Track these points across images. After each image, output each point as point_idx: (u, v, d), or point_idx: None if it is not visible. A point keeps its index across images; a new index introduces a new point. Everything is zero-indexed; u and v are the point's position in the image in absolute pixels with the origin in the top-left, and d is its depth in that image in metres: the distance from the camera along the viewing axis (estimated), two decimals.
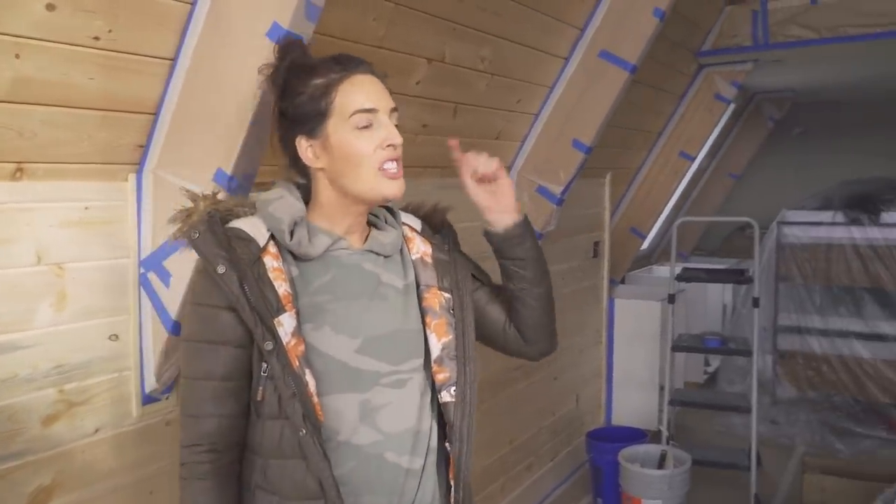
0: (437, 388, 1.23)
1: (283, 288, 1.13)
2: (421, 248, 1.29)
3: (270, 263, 1.14)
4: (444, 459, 1.26)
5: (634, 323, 4.11)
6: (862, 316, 4.32)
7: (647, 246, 5.03)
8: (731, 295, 5.31)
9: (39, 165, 1.36)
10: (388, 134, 1.16)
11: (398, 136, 1.17)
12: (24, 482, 1.38)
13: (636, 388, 4.16)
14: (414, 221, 1.33)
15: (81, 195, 1.46)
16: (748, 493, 3.38)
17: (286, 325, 1.12)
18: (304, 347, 1.13)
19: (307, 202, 1.23)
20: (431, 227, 1.34)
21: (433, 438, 1.23)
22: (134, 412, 1.59)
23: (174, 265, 1.49)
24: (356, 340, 1.16)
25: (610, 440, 3.46)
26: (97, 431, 1.52)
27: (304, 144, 1.18)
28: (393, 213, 1.31)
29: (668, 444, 3.44)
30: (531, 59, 2.62)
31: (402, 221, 1.30)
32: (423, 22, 2.02)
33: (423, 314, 1.24)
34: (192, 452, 1.16)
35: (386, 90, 1.21)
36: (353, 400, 1.15)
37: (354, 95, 1.16)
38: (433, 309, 1.24)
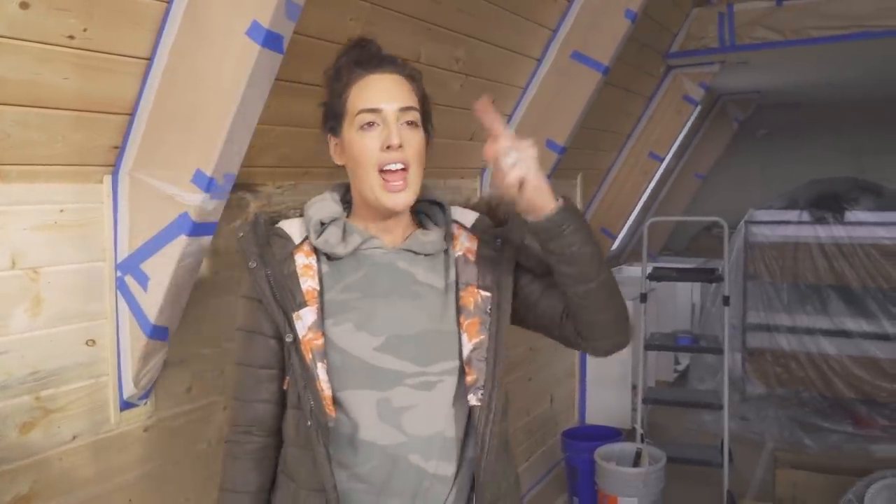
0: (466, 390, 1.18)
1: (308, 283, 1.16)
2: (465, 244, 1.24)
3: (301, 260, 1.18)
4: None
5: None
6: (828, 313, 4.42)
7: (616, 246, 5.09)
8: (699, 294, 5.40)
9: (12, 167, 1.33)
10: (387, 134, 1.14)
11: (396, 136, 1.14)
12: (0, 491, 1.35)
13: (609, 387, 4.21)
14: (466, 217, 1.27)
15: (56, 198, 1.43)
16: (721, 488, 3.43)
17: (305, 318, 1.15)
18: (321, 342, 1.14)
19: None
20: (495, 219, 1.27)
21: (470, 447, 1.19)
22: (112, 418, 1.56)
23: (153, 268, 1.47)
24: (378, 338, 1.16)
25: (585, 439, 3.48)
26: (75, 438, 1.49)
27: (332, 143, 1.23)
28: (444, 209, 1.27)
29: (643, 442, 3.48)
30: (505, 59, 2.64)
31: (451, 219, 1.26)
32: (399, 22, 2.02)
33: (457, 313, 1.20)
34: (233, 433, 1.25)
35: (404, 89, 1.18)
36: (370, 397, 1.15)
37: (362, 94, 1.16)
38: (467, 308, 1.19)
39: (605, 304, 1.18)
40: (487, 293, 1.20)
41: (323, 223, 1.20)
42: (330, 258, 1.20)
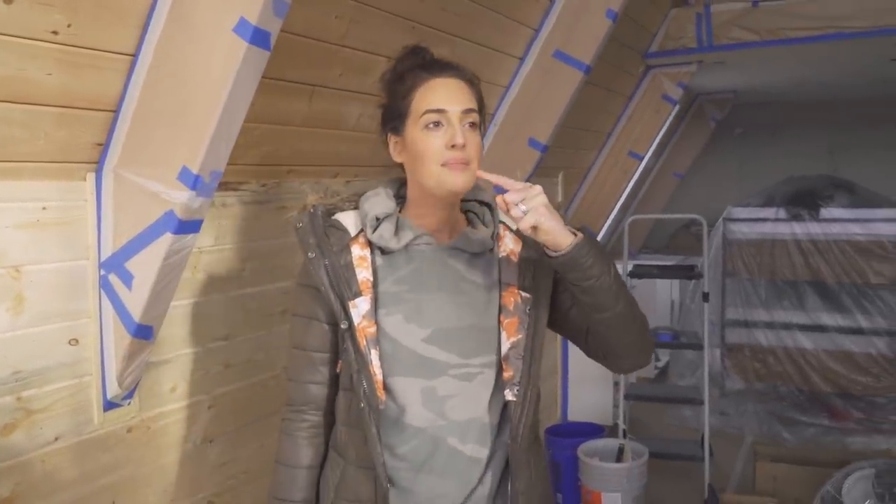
0: (503, 385, 1.25)
1: (363, 274, 1.24)
2: (510, 246, 1.30)
3: (357, 252, 1.26)
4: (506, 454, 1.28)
5: None
6: (804, 308, 4.49)
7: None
8: (679, 291, 5.46)
9: None
10: (452, 134, 1.20)
11: (461, 136, 1.20)
12: None
13: (591, 384, 4.23)
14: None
15: (38, 195, 1.41)
16: (702, 482, 3.48)
17: (360, 307, 1.23)
18: (374, 330, 1.23)
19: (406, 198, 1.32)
20: None
21: (504, 434, 1.26)
22: (95, 419, 1.54)
23: (137, 266, 1.46)
24: (426, 330, 1.24)
25: (568, 436, 3.50)
26: (57, 440, 1.47)
27: (392, 141, 1.29)
28: (492, 210, 1.33)
29: (625, 438, 3.51)
30: (487, 58, 2.65)
31: (499, 220, 1.32)
32: (383, 20, 2.02)
33: (499, 311, 1.27)
34: (288, 411, 1.34)
35: (467, 92, 1.24)
36: (416, 385, 1.23)
37: (428, 97, 1.23)
38: (507, 307, 1.27)
39: (623, 330, 1.25)
40: (527, 294, 1.27)
41: (378, 218, 1.27)
42: (383, 251, 1.27)
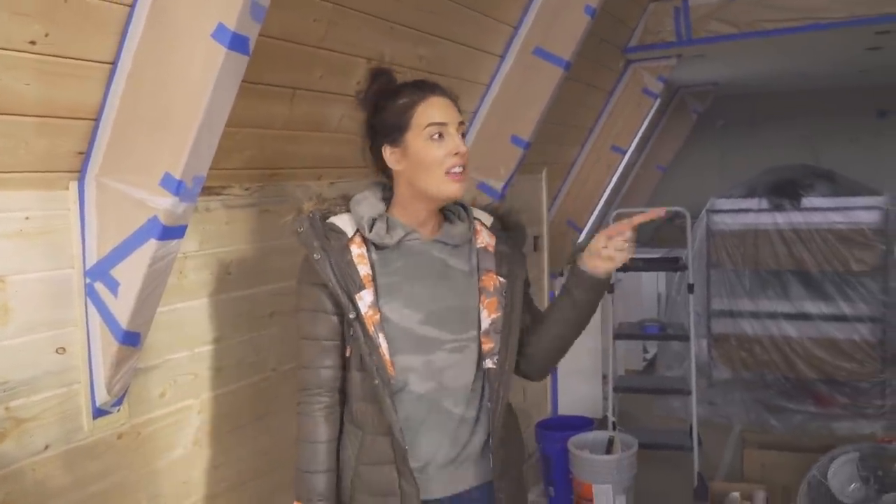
0: (483, 355, 1.47)
1: (364, 270, 1.41)
2: (486, 239, 1.52)
3: (355, 251, 1.42)
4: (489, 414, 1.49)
5: None
6: (788, 297, 4.52)
7: (582, 238, 5.15)
8: (664, 283, 5.49)
9: None
10: (455, 144, 1.40)
11: (463, 145, 1.41)
12: None
13: (580, 377, 4.26)
14: (485, 217, 1.56)
15: (21, 205, 1.41)
16: (692, 471, 3.51)
17: (365, 298, 1.40)
18: (379, 317, 1.40)
19: (391, 200, 1.49)
20: (505, 225, 1.57)
21: (485, 397, 1.48)
22: (85, 426, 1.55)
23: (123, 273, 1.46)
24: (420, 314, 1.43)
25: (558, 429, 3.53)
26: (47, 448, 1.48)
27: (388, 151, 1.45)
28: (466, 209, 1.53)
29: (614, 429, 3.54)
30: (467, 56, 2.66)
31: (473, 217, 1.53)
32: (362, 22, 2.03)
33: (479, 293, 1.48)
34: (304, 395, 1.47)
35: (455, 108, 1.45)
36: (418, 360, 1.43)
37: (429, 112, 1.41)
38: (487, 289, 1.48)
39: (559, 354, 1.57)
40: (503, 279, 1.49)
41: (373, 219, 1.44)
42: (378, 248, 1.44)
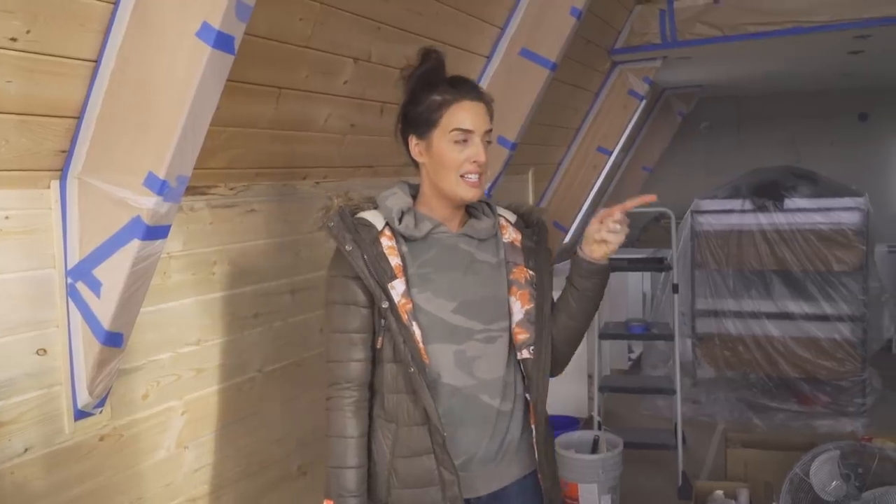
0: (517, 346, 1.50)
1: (395, 261, 1.44)
2: (513, 234, 1.56)
3: (386, 243, 1.45)
4: (524, 406, 1.52)
5: None
6: (771, 297, 4.56)
7: (568, 239, 5.17)
8: (650, 283, 5.52)
9: None
10: (475, 152, 1.44)
11: (483, 155, 1.45)
12: None
13: (566, 377, 4.20)
14: (509, 215, 1.60)
15: (1, 203, 1.39)
16: (676, 470, 3.53)
17: (397, 288, 1.42)
18: (411, 306, 1.43)
19: (416, 196, 1.53)
20: (526, 222, 1.60)
21: (518, 387, 1.51)
22: (66, 429, 1.53)
23: (105, 273, 1.45)
24: (453, 303, 1.46)
25: None
26: (27, 451, 1.46)
27: (413, 142, 1.49)
28: (490, 205, 1.58)
29: (600, 429, 3.55)
30: (454, 57, 2.66)
31: (498, 213, 1.57)
32: (349, 22, 2.02)
33: (509, 285, 1.52)
34: (333, 389, 1.47)
35: (487, 114, 1.48)
36: (449, 349, 1.45)
37: (458, 116, 1.44)
38: (519, 281, 1.52)
39: (571, 347, 1.57)
40: (532, 273, 1.53)
41: (403, 212, 1.47)
42: (407, 240, 1.47)
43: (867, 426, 4.21)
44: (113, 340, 1.50)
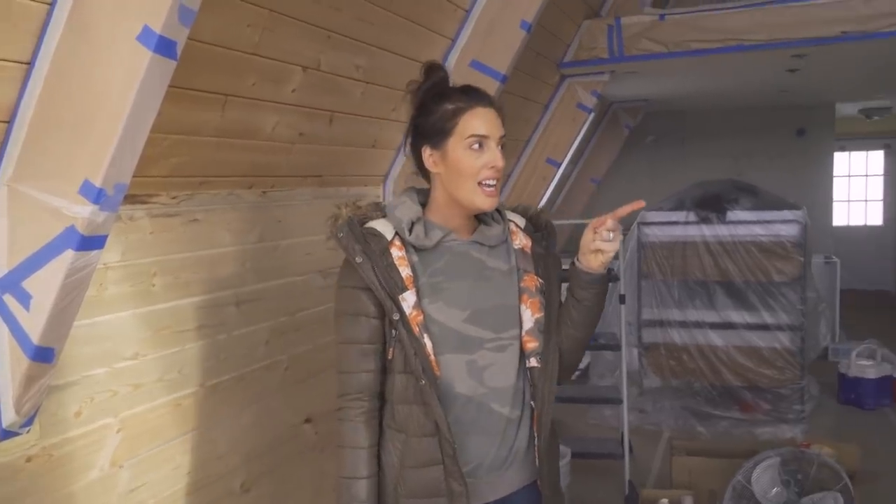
0: (526, 354, 1.50)
1: (405, 272, 1.43)
2: (523, 241, 1.56)
3: (396, 253, 1.44)
4: (532, 413, 1.52)
5: None
6: (714, 307, 4.68)
7: None
8: None
9: None
10: (492, 157, 1.45)
11: (500, 160, 1.45)
12: None
13: None
14: (518, 219, 1.60)
15: None
16: (623, 479, 3.58)
17: (408, 300, 1.42)
18: (422, 317, 1.43)
19: (426, 204, 1.52)
20: (535, 226, 1.61)
21: (527, 395, 1.51)
22: None
23: (36, 286, 1.37)
24: (465, 312, 1.46)
25: None
26: None
27: (427, 153, 1.49)
28: (500, 211, 1.57)
29: None
30: (405, 67, 2.64)
31: (507, 219, 1.57)
32: (298, 30, 1.99)
33: (520, 293, 1.51)
34: (344, 400, 1.47)
35: (499, 121, 1.48)
36: (461, 359, 1.45)
37: (473, 123, 1.45)
38: (530, 289, 1.51)
39: (577, 355, 1.57)
40: (542, 280, 1.53)
41: (413, 222, 1.47)
42: (417, 249, 1.46)
43: (806, 432, 4.35)
44: (43, 356, 1.43)
